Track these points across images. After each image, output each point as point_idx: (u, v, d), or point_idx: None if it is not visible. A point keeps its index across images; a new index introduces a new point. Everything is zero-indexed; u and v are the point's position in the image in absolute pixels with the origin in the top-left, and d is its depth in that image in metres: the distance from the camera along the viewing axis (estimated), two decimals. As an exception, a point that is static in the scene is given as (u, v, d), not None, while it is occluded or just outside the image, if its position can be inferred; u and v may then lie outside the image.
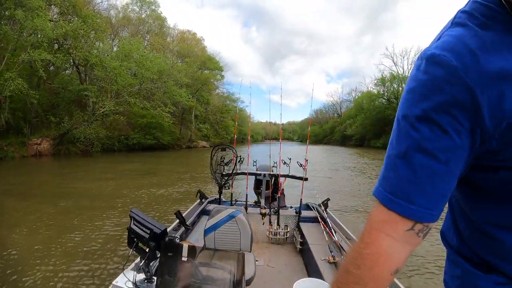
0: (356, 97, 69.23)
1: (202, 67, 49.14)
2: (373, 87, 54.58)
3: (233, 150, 4.51)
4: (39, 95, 22.51)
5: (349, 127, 59.44)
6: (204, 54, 52.16)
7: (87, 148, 25.88)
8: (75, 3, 25.55)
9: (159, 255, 1.54)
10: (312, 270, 3.01)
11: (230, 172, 4.41)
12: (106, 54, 27.58)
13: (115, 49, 33.22)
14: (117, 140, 30.21)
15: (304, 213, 4.34)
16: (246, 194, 4.54)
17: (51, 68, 26.63)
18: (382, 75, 50.98)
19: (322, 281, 2.41)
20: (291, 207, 4.60)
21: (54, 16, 26.17)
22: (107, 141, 28.46)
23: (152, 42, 42.59)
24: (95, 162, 19.42)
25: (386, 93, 49.26)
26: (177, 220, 3.39)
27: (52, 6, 25.29)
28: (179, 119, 42.57)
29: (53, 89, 26.70)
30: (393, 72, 49.41)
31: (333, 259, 3.04)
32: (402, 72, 49.16)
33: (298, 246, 3.92)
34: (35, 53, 19.53)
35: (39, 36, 21.24)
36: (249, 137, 5.69)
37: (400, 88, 46.66)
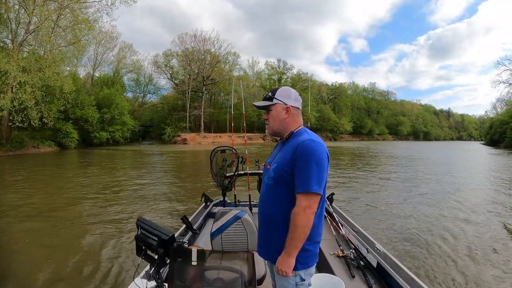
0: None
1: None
2: None
3: (232, 151, 4.48)
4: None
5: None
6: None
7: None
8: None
9: (168, 261, 1.53)
10: (322, 266, 3.01)
11: (232, 174, 4.39)
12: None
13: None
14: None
15: None
16: (249, 195, 4.53)
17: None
18: None
19: (332, 275, 2.41)
20: None
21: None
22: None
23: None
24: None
25: None
26: (184, 225, 3.39)
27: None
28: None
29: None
30: None
31: (342, 253, 3.04)
32: None
33: None
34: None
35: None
36: (245, 137, 5.61)
37: None
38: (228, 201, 4.72)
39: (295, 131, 1.76)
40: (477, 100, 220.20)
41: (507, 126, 46.83)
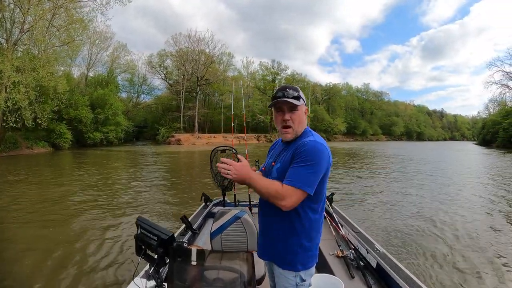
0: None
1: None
2: None
3: (233, 151, 4.47)
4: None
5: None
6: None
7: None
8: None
9: (168, 261, 1.52)
10: (321, 266, 3.00)
11: None
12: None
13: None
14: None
15: None
16: (249, 195, 4.52)
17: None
18: None
19: (332, 276, 2.40)
20: None
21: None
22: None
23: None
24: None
25: None
26: (184, 225, 3.38)
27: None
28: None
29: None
30: None
31: (342, 253, 3.03)
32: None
33: None
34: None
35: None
36: (245, 138, 5.63)
37: None
38: (228, 201, 4.71)
39: (302, 132, 1.72)
40: (469, 101, 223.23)
41: (499, 127, 47.49)
